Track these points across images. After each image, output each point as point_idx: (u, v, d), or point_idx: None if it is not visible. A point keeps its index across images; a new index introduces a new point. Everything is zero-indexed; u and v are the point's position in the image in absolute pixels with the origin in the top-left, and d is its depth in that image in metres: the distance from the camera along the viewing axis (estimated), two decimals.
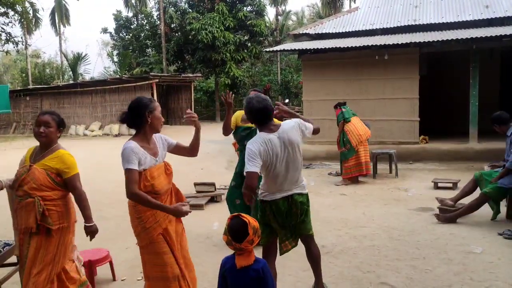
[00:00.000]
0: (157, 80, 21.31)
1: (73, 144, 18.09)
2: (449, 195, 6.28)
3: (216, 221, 5.83)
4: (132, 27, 31.48)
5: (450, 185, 7.42)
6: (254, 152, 3.08)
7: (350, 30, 12.23)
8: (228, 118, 4.68)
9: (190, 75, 24.81)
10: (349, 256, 4.48)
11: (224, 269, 2.56)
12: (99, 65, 64.87)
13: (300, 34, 13.01)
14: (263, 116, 3.18)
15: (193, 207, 6.72)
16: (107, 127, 21.80)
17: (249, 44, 26.48)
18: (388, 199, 6.92)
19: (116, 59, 32.54)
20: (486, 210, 5.49)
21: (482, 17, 11.13)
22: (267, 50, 13.93)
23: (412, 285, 3.76)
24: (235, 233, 2.44)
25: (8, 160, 10.21)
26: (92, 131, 21.88)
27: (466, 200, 5.69)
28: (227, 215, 5.03)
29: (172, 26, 27.72)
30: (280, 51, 14.40)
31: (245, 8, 25.94)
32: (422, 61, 10.59)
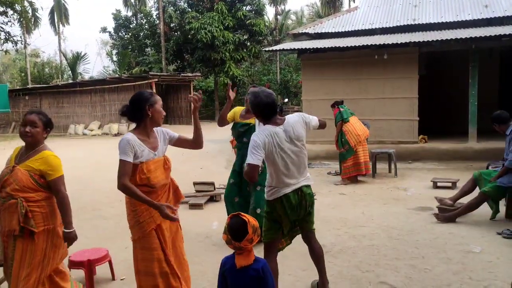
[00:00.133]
0: (156, 80, 21.32)
1: (72, 144, 18.10)
2: (448, 194, 6.29)
3: (215, 220, 5.83)
4: (131, 26, 31.47)
5: (449, 184, 7.43)
6: (258, 144, 3.11)
7: (350, 30, 12.23)
8: (226, 110, 4.68)
9: (190, 74, 24.81)
10: (348, 255, 4.49)
11: (224, 268, 2.56)
12: (98, 64, 64.93)
13: (300, 34, 13.01)
14: (270, 111, 3.24)
15: (192, 207, 6.74)
16: (106, 126, 21.80)
17: (248, 44, 26.49)
18: (387, 198, 6.92)
19: (115, 59, 32.57)
20: (485, 209, 5.49)
21: (481, 16, 11.13)
22: (267, 49, 13.93)
23: (411, 284, 3.77)
24: (235, 232, 2.45)
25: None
26: (91, 130, 21.87)
27: (465, 200, 5.70)
28: (227, 214, 5.05)
29: (172, 25, 27.73)
30: (280, 50, 14.40)
31: (244, 7, 25.94)
32: (421, 60, 10.60)
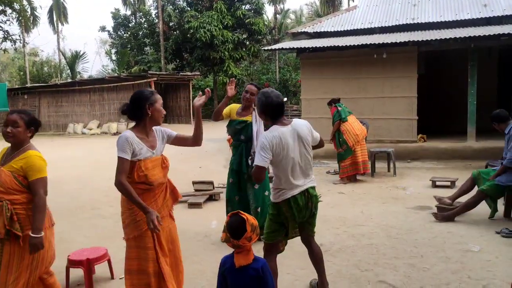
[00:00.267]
0: (155, 79, 21.30)
1: (71, 143, 18.09)
2: (447, 193, 6.30)
3: (214, 219, 5.82)
4: (130, 25, 31.44)
5: (448, 183, 7.43)
6: (266, 146, 3.14)
7: (349, 29, 12.24)
8: (223, 105, 4.67)
9: (189, 73, 24.79)
10: (347, 254, 4.49)
11: (224, 268, 2.56)
12: (97, 63, 64.62)
13: (299, 33, 13.01)
14: (279, 111, 3.29)
15: (191, 206, 6.74)
16: (105, 125, 21.78)
17: (247, 43, 26.47)
18: (386, 197, 6.93)
19: (114, 58, 32.53)
20: (484, 208, 5.50)
21: (480, 15, 11.14)
22: (266, 48, 13.90)
23: (410, 283, 3.77)
24: (234, 230, 2.45)
25: None
26: (90, 129, 21.85)
27: (464, 199, 5.70)
28: (225, 214, 5.05)
29: (171, 24, 27.69)
30: (279, 49, 14.40)
31: (243, 6, 25.92)
32: (420, 59, 10.61)
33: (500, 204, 5.55)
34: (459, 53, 10.61)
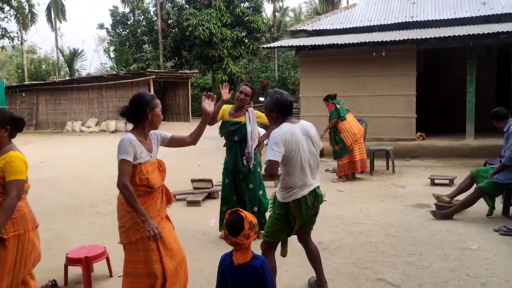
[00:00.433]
0: (154, 76, 21.26)
1: (69, 140, 18.06)
2: (445, 191, 6.31)
3: (213, 217, 5.82)
4: (129, 23, 31.35)
5: (447, 181, 7.44)
6: (279, 140, 3.12)
7: (348, 27, 12.22)
8: (217, 109, 4.64)
9: (187, 71, 24.75)
10: (346, 252, 4.49)
11: (223, 266, 2.56)
12: (95, 61, 64.32)
13: (298, 31, 12.98)
14: (290, 109, 3.34)
15: (190, 204, 6.74)
16: (103, 123, 21.75)
17: (246, 41, 26.42)
18: (385, 195, 6.93)
19: (112, 55, 32.45)
20: (482, 206, 5.51)
21: (479, 14, 11.13)
22: (265, 46, 13.87)
23: (409, 281, 3.78)
24: (232, 227, 2.45)
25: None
26: (89, 127, 21.81)
27: (463, 197, 5.71)
28: (219, 213, 5.05)
29: (169, 22, 27.62)
30: (278, 47, 14.38)
31: (242, 4, 25.87)
32: (419, 57, 10.61)
33: (498, 202, 5.56)
34: (458, 51, 10.60)
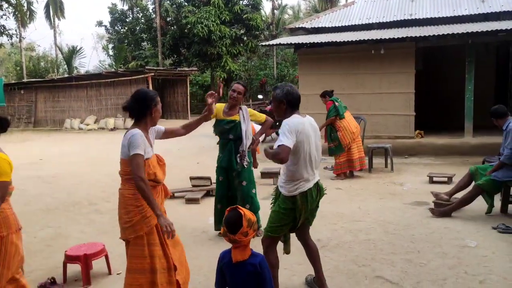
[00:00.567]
0: (152, 74, 21.25)
1: (68, 138, 18.02)
2: (444, 189, 6.31)
3: (211, 215, 5.80)
4: (127, 20, 31.28)
5: (445, 179, 7.45)
6: (292, 129, 3.13)
7: (347, 24, 12.21)
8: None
9: (186, 69, 24.73)
10: (344, 250, 4.50)
11: (222, 263, 2.57)
12: (94, 58, 64.28)
13: (296, 28, 12.97)
14: (298, 103, 3.42)
15: (189, 201, 6.74)
16: (102, 121, 21.71)
17: (245, 38, 26.39)
18: (384, 193, 6.94)
19: (111, 53, 32.40)
20: (481, 204, 5.52)
21: (478, 11, 11.13)
22: (263, 44, 13.85)
23: (407, 278, 3.79)
24: (231, 225, 2.46)
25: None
26: (88, 125, 21.77)
27: (461, 194, 5.71)
28: (214, 212, 5.05)
29: (168, 19, 27.57)
30: (276, 45, 14.37)
31: (241, 1, 25.85)
32: (418, 55, 10.60)
33: (497, 199, 5.57)
34: (457, 49, 10.59)
